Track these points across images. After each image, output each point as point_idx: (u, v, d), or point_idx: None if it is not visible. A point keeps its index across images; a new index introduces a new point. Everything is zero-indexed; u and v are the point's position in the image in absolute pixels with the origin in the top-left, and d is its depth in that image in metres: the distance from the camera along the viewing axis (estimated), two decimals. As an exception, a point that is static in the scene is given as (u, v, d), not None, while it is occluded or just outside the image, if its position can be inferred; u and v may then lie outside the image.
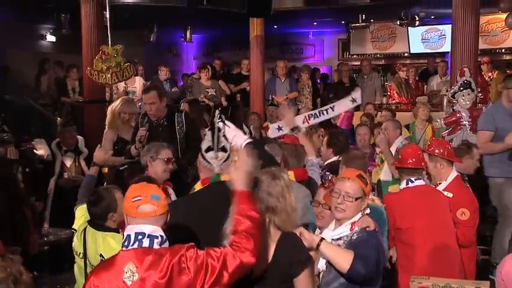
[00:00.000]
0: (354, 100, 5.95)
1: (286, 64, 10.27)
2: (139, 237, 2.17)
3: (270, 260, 2.48)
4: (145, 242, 2.17)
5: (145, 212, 2.21)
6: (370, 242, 2.67)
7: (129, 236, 2.19)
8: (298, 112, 9.81)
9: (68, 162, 6.05)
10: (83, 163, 6.08)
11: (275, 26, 12.46)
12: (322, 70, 12.79)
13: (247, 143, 2.84)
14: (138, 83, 9.40)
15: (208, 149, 2.79)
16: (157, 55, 13.25)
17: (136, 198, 2.23)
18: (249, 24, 10.06)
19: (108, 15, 7.32)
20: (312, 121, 5.54)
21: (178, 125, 5.07)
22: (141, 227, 2.19)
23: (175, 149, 4.83)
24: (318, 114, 5.60)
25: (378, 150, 6.22)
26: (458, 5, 7.26)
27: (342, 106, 5.88)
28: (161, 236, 2.20)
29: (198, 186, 2.83)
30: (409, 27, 11.71)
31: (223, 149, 2.80)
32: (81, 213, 3.51)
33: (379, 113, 8.43)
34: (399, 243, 3.77)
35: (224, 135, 2.83)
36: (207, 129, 2.88)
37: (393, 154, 5.24)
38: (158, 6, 9.56)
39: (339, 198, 2.82)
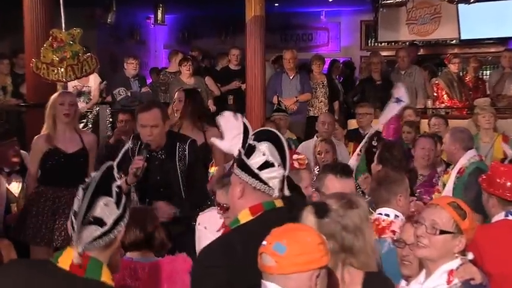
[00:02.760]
0: (399, 100, 6.04)
1: (295, 55, 10.35)
2: None
3: None
4: None
5: (263, 265, 2.30)
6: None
7: None
8: (307, 119, 10.16)
9: (15, 189, 6.03)
10: (30, 185, 5.94)
11: (276, 4, 12.59)
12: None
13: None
14: (92, 81, 9.61)
15: (266, 165, 2.77)
16: (115, 42, 13.52)
17: (264, 243, 2.31)
18: (245, 2, 10.09)
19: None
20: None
21: (180, 159, 5.13)
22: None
23: (177, 190, 5.02)
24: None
25: (439, 170, 6.36)
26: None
27: (386, 113, 5.90)
28: None
29: (244, 217, 2.80)
30: (459, 5, 11.84)
31: (284, 164, 2.80)
32: None
33: (423, 120, 8.59)
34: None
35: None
36: (252, 140, 2.83)
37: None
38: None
39: (420, 230, 2.86)
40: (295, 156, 4.08)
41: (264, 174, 2.75)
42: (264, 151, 2.76)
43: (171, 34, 15.12)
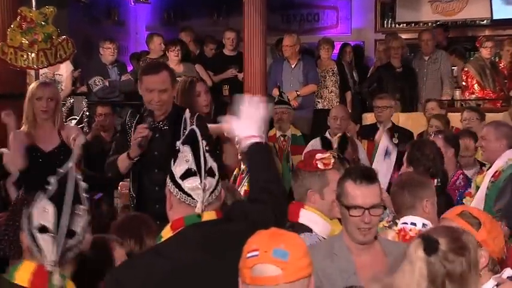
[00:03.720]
0: (387, 153, 6.40)
1: (296, 40, 10.25)
2: None
3: None
4: None
5: (263, 277, 2.30)
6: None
7: None
8: (314, 113, 10.20)
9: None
10: (12, 190, 6.16)
11: (275, -21, 12.55)
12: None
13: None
14: (64, 69, 9.52)
15: (187, 174, 2.84)
16: (90, 23, 13.35)
17: (252, 254, 2.32)
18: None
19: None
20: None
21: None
22: None
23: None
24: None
25: (471, 172, 6.46)
26: None
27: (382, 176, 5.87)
28: None
29: (166, 233, 2.89)
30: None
31: (211, 173, 2.87)
32: None
33: (450, 114, 8.62)
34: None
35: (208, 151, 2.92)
36: (179, 143, 2.93)
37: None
38: None
39: None
40: (318, 156, 3.98)
41: (187, 183, 2.81)
42: (186, 157, 2.83)
43: (155, 14, 14.96)
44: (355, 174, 3.46)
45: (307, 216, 3.86)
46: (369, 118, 9.26)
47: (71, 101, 9.38)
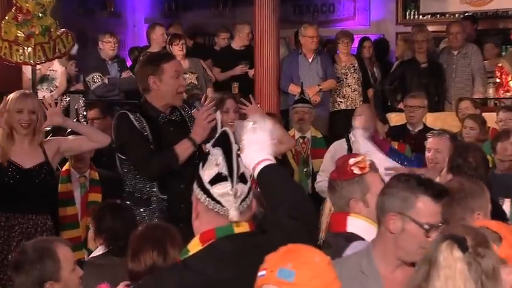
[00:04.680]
0: None
1: (317, 32, 10.28)
2: None
3: None
4: None
5: None
6: None
7: None
8: (331, 113, 10.12)
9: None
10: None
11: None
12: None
13: None
14: (58, 64, 9.72)
15: (217, 179, 2.81)
16: (84, 15, 13.61)
17: (261, 273, 2.38)
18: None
19: None
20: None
21: (191, 124, 5.36)
22: None
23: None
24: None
25: None
26: None
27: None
28: None
29: (194, 246, 2.86)
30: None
31: (243, 179, 2.85)
32: None
33: (485, 113, 8.61)
34: None
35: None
36: (209, 145, 2.92)
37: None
38: None
39: None
40: (351, 161, 3.90)
41: (216, 189, 2.78)
42: (217, 160, 2.80)
43: (154, 5, 15.07)
44: (432, 189, 3.39)
45: (355, 224, 3.78)
46: (393, 118, 9.21)
47: (67, 99, 9.24)
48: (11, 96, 5.80)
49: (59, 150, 5.85)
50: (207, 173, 2.83)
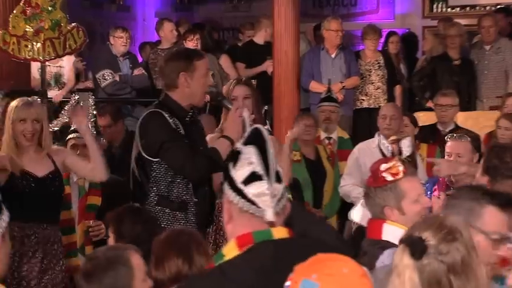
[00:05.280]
0: None
1: (342, 26, 10.32)
2: None
3: None
4: None
5: None
6: None
7: None
8: (354, 112, 10.12)
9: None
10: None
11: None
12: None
13: None
14: (65, 60, 9.81)
15: (251, 178, 2.80)
16: (92, 8, 13.70)
17: (286, 284, 2.36)
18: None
19: None
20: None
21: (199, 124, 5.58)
22: None
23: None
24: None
25: None
26: None
27: None
28: None
29: (230, 250, 2.84)
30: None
31: (279, 179, 2.84)
32: None
33: None
34: None
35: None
36: (240, 143, 2.91)
37: None
38: None
39: None
40: (383, 167, 3.93)
41: (251, 189, 2.77)
42: (250, 158, 2.79)
43: (165, -3, 15.16)
44: (499, 199, 3.40)
45: (391, 231, 3.80)
46: (421, 118, 9.14)
47: (76, 97, 9.17)
48: (13, 104, 5.83)
49: (64, 162, 5.92)
50: (239, 173, 2.81)
